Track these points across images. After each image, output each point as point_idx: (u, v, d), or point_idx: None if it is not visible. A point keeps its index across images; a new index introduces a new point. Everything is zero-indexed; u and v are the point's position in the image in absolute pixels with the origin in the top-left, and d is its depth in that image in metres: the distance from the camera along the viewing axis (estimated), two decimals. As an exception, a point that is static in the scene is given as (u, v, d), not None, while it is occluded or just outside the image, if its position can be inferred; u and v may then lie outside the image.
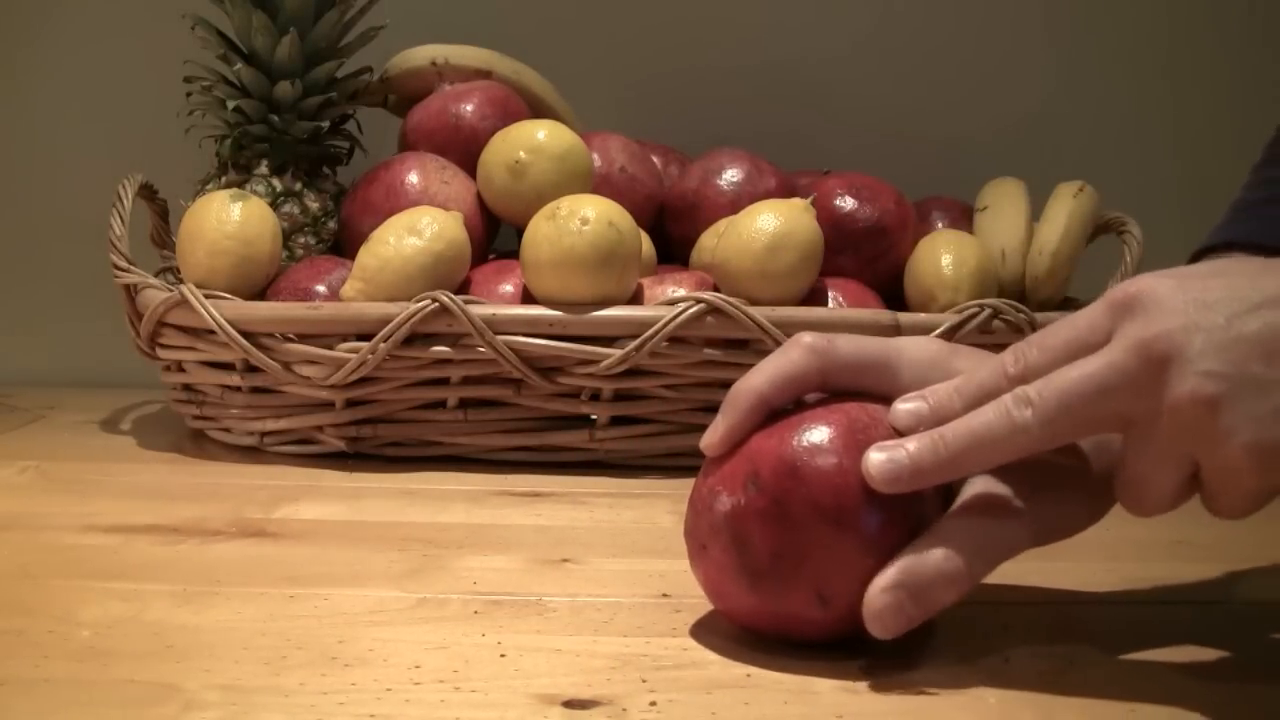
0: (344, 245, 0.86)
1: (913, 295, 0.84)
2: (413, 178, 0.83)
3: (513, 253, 0.83)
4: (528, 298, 0.78)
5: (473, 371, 0.75)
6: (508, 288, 0.80)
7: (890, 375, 0.47)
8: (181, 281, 0.79)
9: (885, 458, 0.43)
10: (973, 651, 0.46)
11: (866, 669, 0.44)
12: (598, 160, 0.87)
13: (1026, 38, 1.07)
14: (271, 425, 0.79)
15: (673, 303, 0.75)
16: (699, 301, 0.74)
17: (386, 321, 0.73)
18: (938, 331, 0.75)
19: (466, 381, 0.76)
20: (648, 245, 0.84)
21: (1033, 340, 0.44)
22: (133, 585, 0.52)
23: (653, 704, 0.41)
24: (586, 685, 0.43)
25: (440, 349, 0.74)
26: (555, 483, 0.74)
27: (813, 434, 0.44)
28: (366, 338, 0.74)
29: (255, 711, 0.40)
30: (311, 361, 0.75)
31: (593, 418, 0.77)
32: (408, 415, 0.77)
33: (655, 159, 0.93)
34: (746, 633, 0.47)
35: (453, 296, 0.73)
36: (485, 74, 0.93)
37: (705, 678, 0.44)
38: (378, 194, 0.83)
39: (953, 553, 0.43)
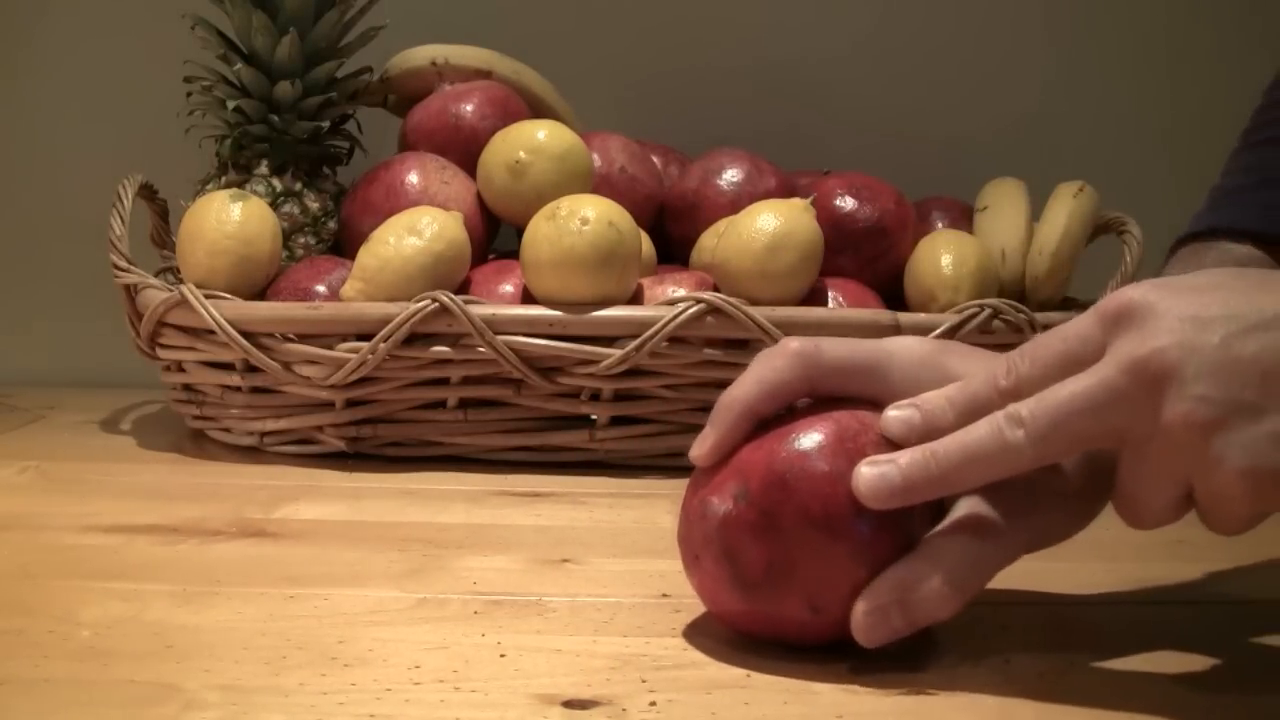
0: (344, 245, 0.86)
1: (913, 295, 0.83)
2: (413, 178, 0.83)
3: (513, 253, 0.83)
4: (528, 298, 0.78)
5: (473, 371, 0.75)
6: (508, 288, 0.80)
7: (880, 377, 0.47)
8: (181, 281, 0.79)
9: (876, 473, 0.43)
10: (973, 651, 0.46)
11: (865, 669, 0.44)
12: (598, 160, 0.87)
13: (1026, 38, 1.07)
14: (271, 425, 0.79)
15: (673, 303, 0.75)
16: (699, 301, 0.74)
17: (386, 321, 0.73)
18: (938, 331, 0.75)
19: (466, 381, 0.76)
20: (648, 245, 0.84)
21: (1025, 351, 0.44)
22: (133, 585, 0.52)
23: (652, 704, 0.41)
24: (586, 685, 0.43)
25: (440, 349, 0.74)
26: (555, 483, 0.74)
27: (801, 444, 0.44)
28: (366, 338, 0.74)
29: (255, 711, 0.40)
30: (311, 361, 0.75)
31: (593, 418, 0.77)
32: (408, 415, 0.77)
33: (655, 159, 0.93)
34: (746, 634, 0.47)
35: (453, 296, 0.73)
36: (485, 74, 0.93)
37: (705, 678, 0.44)
38: (378, 194, 0.83)
39: (946, 571, 0.43)
